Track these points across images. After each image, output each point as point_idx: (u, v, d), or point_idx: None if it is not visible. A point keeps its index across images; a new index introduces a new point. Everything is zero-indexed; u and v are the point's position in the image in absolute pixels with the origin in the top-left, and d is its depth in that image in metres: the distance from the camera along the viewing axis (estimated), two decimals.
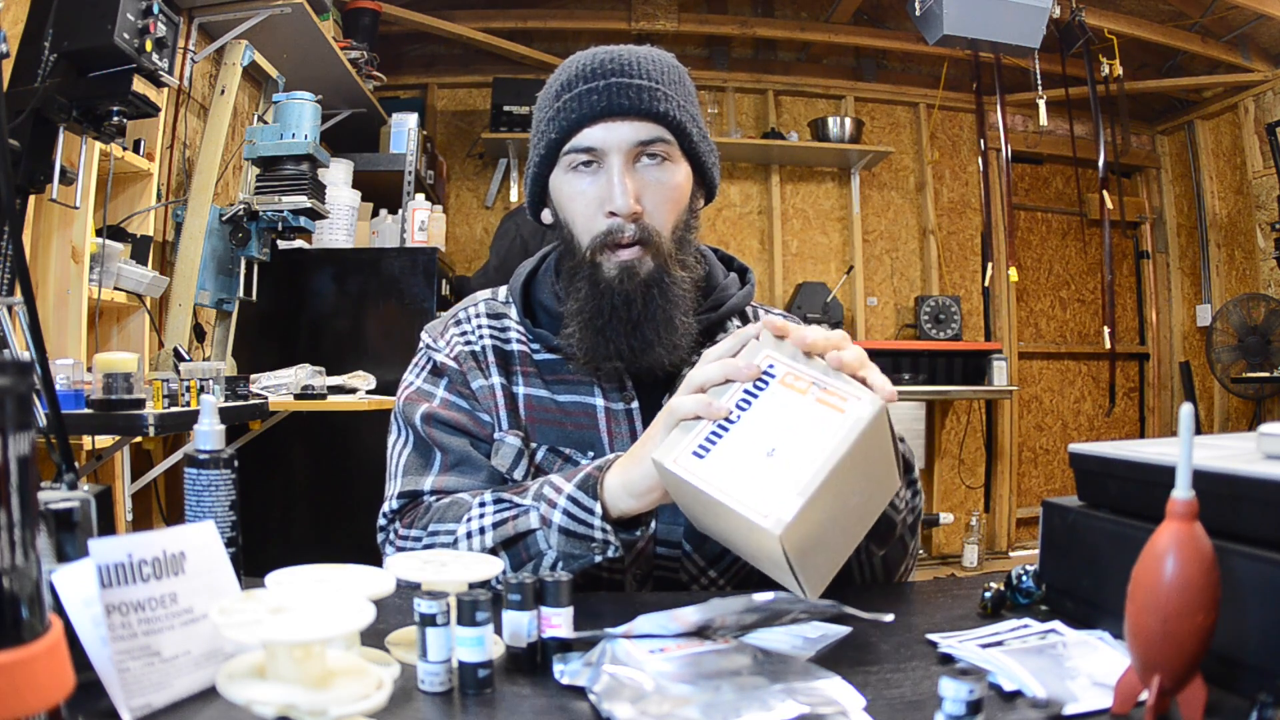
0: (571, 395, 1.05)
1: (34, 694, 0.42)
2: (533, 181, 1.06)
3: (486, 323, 1.10)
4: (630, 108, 0.97)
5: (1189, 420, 0.55)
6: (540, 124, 1.03)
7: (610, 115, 0.97)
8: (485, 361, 1.07)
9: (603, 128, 0.98)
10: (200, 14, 2.76)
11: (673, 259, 1.01)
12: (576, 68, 1.01)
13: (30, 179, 1.82)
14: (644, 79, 0.99)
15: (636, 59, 1.00)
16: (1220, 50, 4.47)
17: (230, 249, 2.83)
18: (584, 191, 1.00)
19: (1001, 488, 4.87)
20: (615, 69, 0.99)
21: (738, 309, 1.11)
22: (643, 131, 0.98)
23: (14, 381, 0.42)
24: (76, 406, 1.78)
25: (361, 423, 2.98)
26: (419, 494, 1.02)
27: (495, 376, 1.06)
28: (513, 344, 1.08)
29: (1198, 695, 0.56)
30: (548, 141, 1.01)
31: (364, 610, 0.56)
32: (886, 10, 4.58)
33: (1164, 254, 5.22)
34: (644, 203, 0.98)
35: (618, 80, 0.98)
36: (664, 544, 1.03)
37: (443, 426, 1.04)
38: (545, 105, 1.03)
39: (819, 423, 0.74)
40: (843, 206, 4.86)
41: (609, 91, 0.98)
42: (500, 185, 4.59)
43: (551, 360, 1.07)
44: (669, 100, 1.00)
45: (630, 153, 0.98)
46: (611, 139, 0.98)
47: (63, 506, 0.62)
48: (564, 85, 1.01)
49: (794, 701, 0.59)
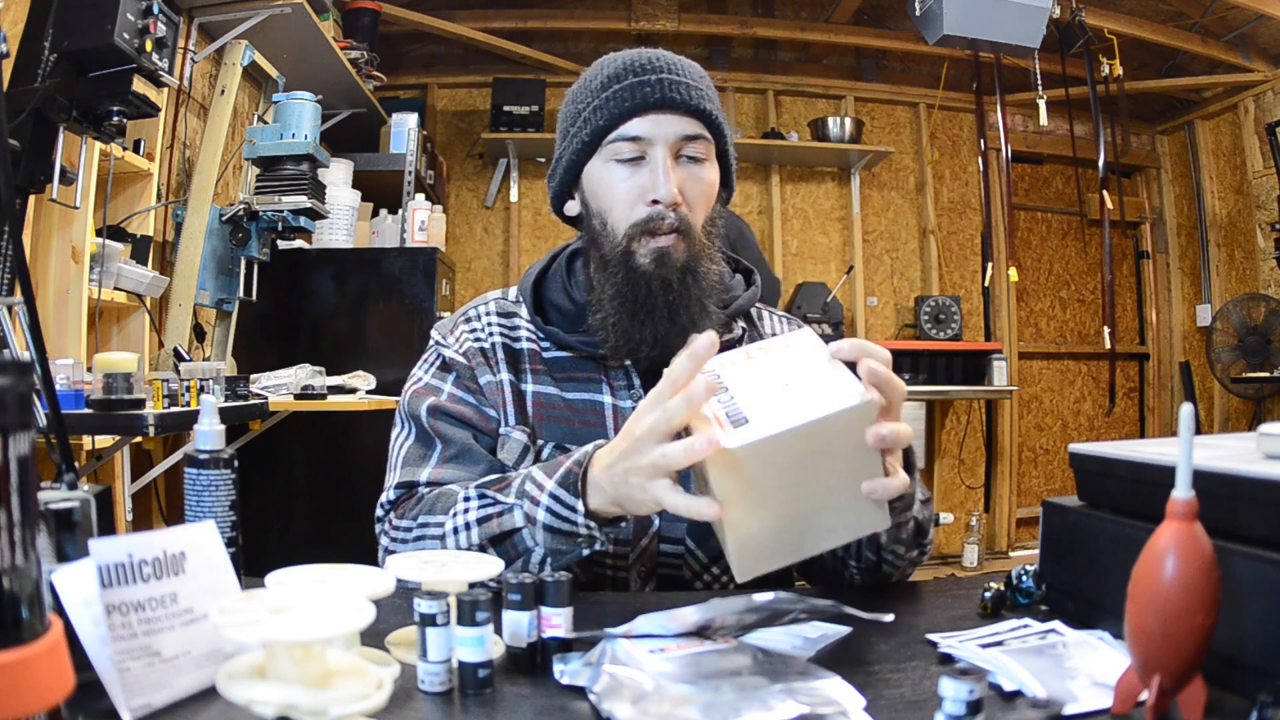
0: (580, 393, 1.07)
1: (34, 694, 0.42)
2: (566, 170, 1.07)
3: (496, 321, 1.11)
4: (680, 102, 1.01)
5: (1189, 420, 0.55)
6: (581, 113, 1.05)
7: (661, 108, 1.00)
8: (494, 358, 1.08)
9: (651, 119, 1.01)
10: (200, 14, 2.76)
11: (706, 253, 1.03)
12: (623, 63, 1.04)
13: (30, 179, 1.82)
14: (690, 79, 1.03)
15: (679, 61, 1.05)
16: (1220, 50, 4.47)
17: (230, 249, 2.83)
18: (625, 180, 1.02)
19: (1001, 488, 4.87)
20: (664, 66, 1.03)
21: (743, 310, 1.13)
22: (689, 126, 1.02)
23: (14, 381, 0.42)
24: (76, 406, 1.78)
25: (361, 423, 2.98)
26: (415, 485, 1.03)
27: (504, 373, 1.07)
28: (522, 342, 1.10)
29: (1198, 695, 0.56)
30: (594, 128, 1.02)
31: (364, 610, 0.56)
32: (886, 10, 4.58)
33: (1164, 254, 5.22)
34: (684, 195, 1.01)
35: (669, 77, 1.02)
36: (667, 541, 1.04)
37: (447, 418, 1.06)
38: (586, 97, 1.05)
39: (807, 385, 0.73)
40: (843, 206, 4.86)
41: (661, 85, 1.01)
42: (500, 185, 4.59)
43: (561, 358, 1.09)
44: (711, 101, 1.04)
45: (674, 146, 1.01)
46: (659, 131, 1.01)
47: (63, 506, 0.62)
48: (611, 77, 1.03)
49: (794, 701, 0.59)
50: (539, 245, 4.55)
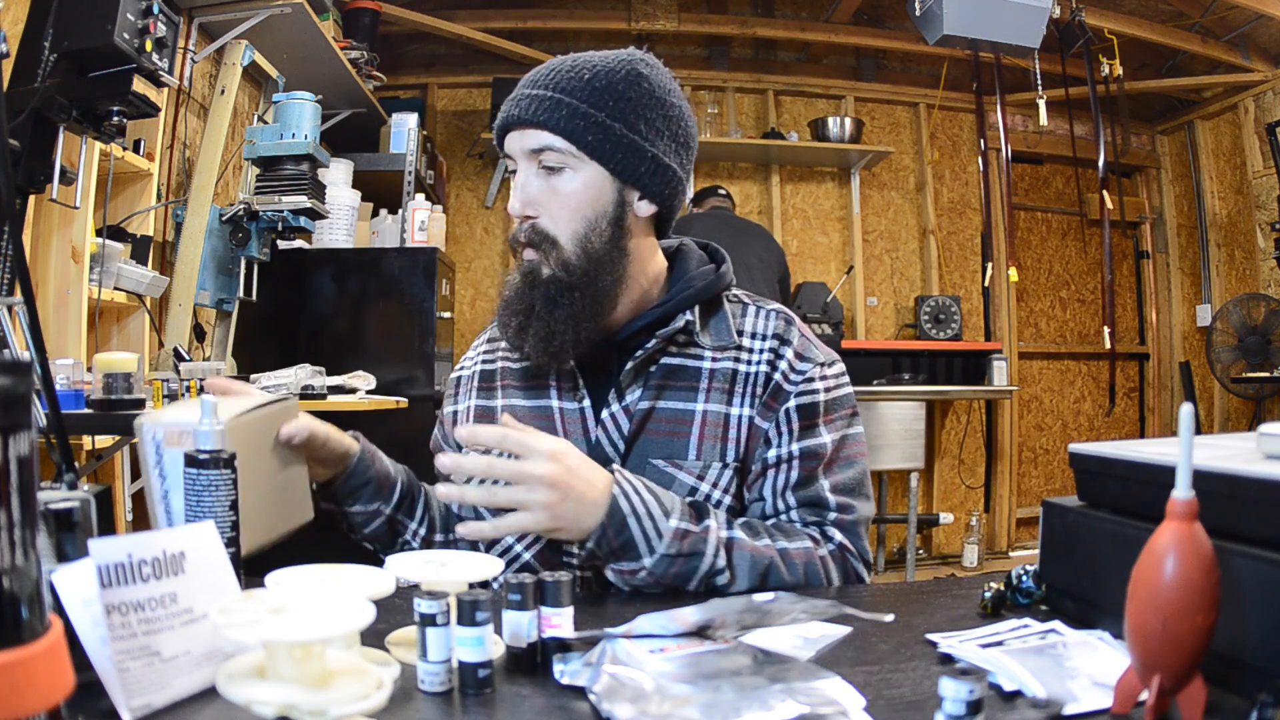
0: (536, 399, 1.11)
1: (34, 694, 0.42)
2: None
3: (483, 347, 1.21)
4: (526, 118, 1.03)
5: (1189, 420, 0.55)
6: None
7: (515, 125, 1.05)
8: (468, 386, 1.18)
9: (514, 135, 1.06)
10: (200, 14, 2.76)
11: (575, 263, 1.03)
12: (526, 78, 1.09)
13: (30, 179, 1.82)
14: (548, 89, 1.03)
15: (567, 69, 1.05)
16: (1220, 50, 4.47)
17: (230, 249, 2.83)
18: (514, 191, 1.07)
19: (1001, 488, 4.87)
20: (540, 80, 1.05)
21: (694, 301, 1.08)
22: (530, 140, 1.04)
23: (14, 381, 0.42)
24: (76, 406, 1.78)
25: (362, 423, 2.96)
26: None
27: (470, 399, 1.17)
28: (497, 362, 1.17)
29: (1198, 695, 0.56)
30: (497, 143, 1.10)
31: (364, 610, 0.56)
32: (886, 10, 4.58)
33: (1164, 254, 5.22)
34: (541, 208, 1.04)
35: (531, 92, 1.04)
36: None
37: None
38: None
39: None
40: (843, 206, 4.86)
41: (517, 102, 1.05)
42: (500, 185, 4.58)
43: (525, 368, 1.12)
44: (563, 108, 1.02)
45: (530, 159, 1.04)
46: (515, 146, 1.06)
47: (63, 506, 0.62)
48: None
49: (794, 701, 0.59)
50: None
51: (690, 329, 1.06)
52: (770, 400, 1.06)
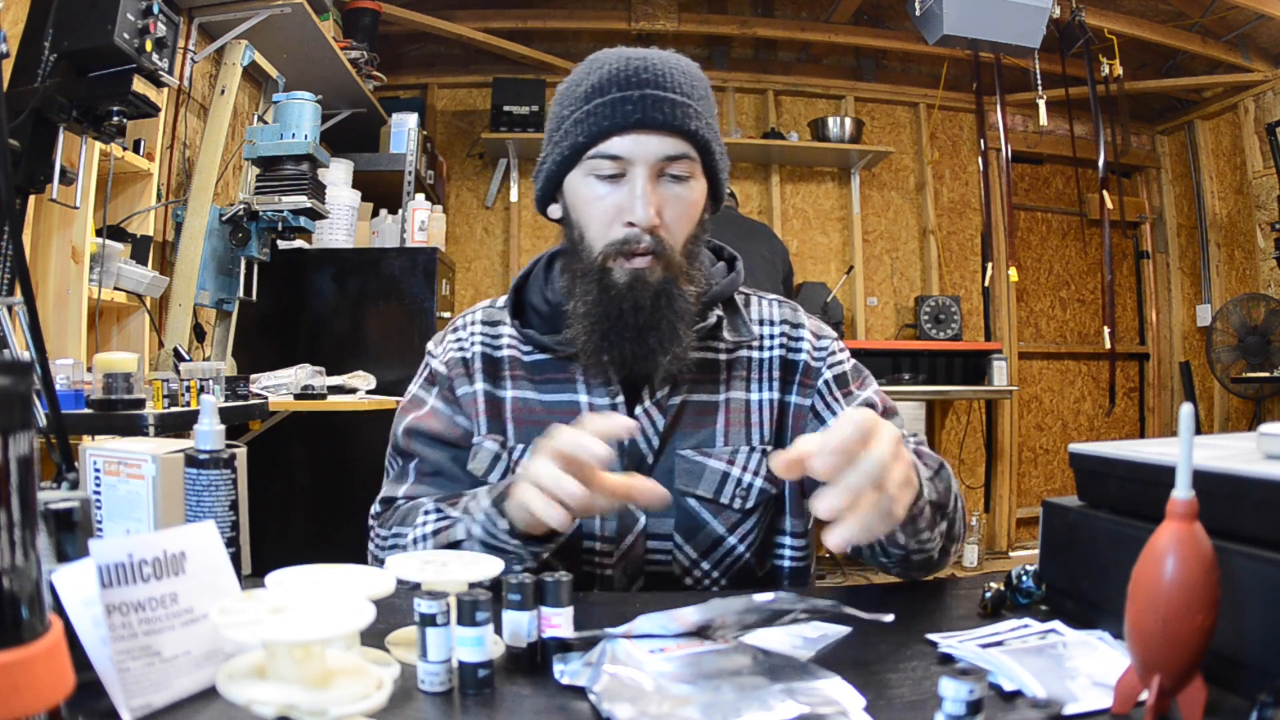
0: (558, 394, 1.07)
1: (34, 694, 0.42)
2: (547, 178, 1.05)
3: (480, 330, 1.13)
4: (663, 122, 0.97)
5: (1189, 420, 0.55)
6: (564, 122, 1.01)
7: (642, 127, 0.97)
8: (473, 368, 1.10)
9: (632, 139, 0.97)
10: (200, 14, 2.76)
11: (683, 273, 1.01)
12: (609, 71, 0.99)
13: (30, 179, 1.82)
14: (677, 93, 0.98)
15: (669, 70, 0.99)
16: (1220, 50, 4.47)
17: (230, 249, 2.83)
18: (603, 197, 0.99)
19: (1001, 488, 4.87)
20: (650, 79, 0.98)
21: (720, 297, 1.10)
22: (670, 147, 0.98)
23: (14, 381, 0.42)
24: (76, 406, 1.78)
25: (361, 423, 2.97)
26: (394, 500, 1.09)
27: (479, 383, 1.09)
28: (503, 350, 1.11)
29: (1198, 695, 0.56)
30: (573, 142, 0.99)
31: (364, 610, 0.56)
32: (886, 10, 4.58)
33: (1164, 254, 5.22)
34: (663, 216, 0.99)
35: (653, 93, 0.97)
36: (655, 537, 1.04)
37: (422, 438, 1.10)
38: (571, 103, 1.01)
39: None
40: (843, 206, 4.86)
41: (644, 103, 0.97)
42: (500, 185, 4.59)
43: (541, 361, 1.09)
44: (699, 118, 0.99)
45: (655, 166, 0.98)
46: (640, 151, 0.97)
47: (63, 506, 0.62)
48: (595, 88, 0.99)
49: (794, 701, 0.59)
50: (539, 245, 4.55)
51: (720, 325, 1.08)
52: (804, 379, 1.10)
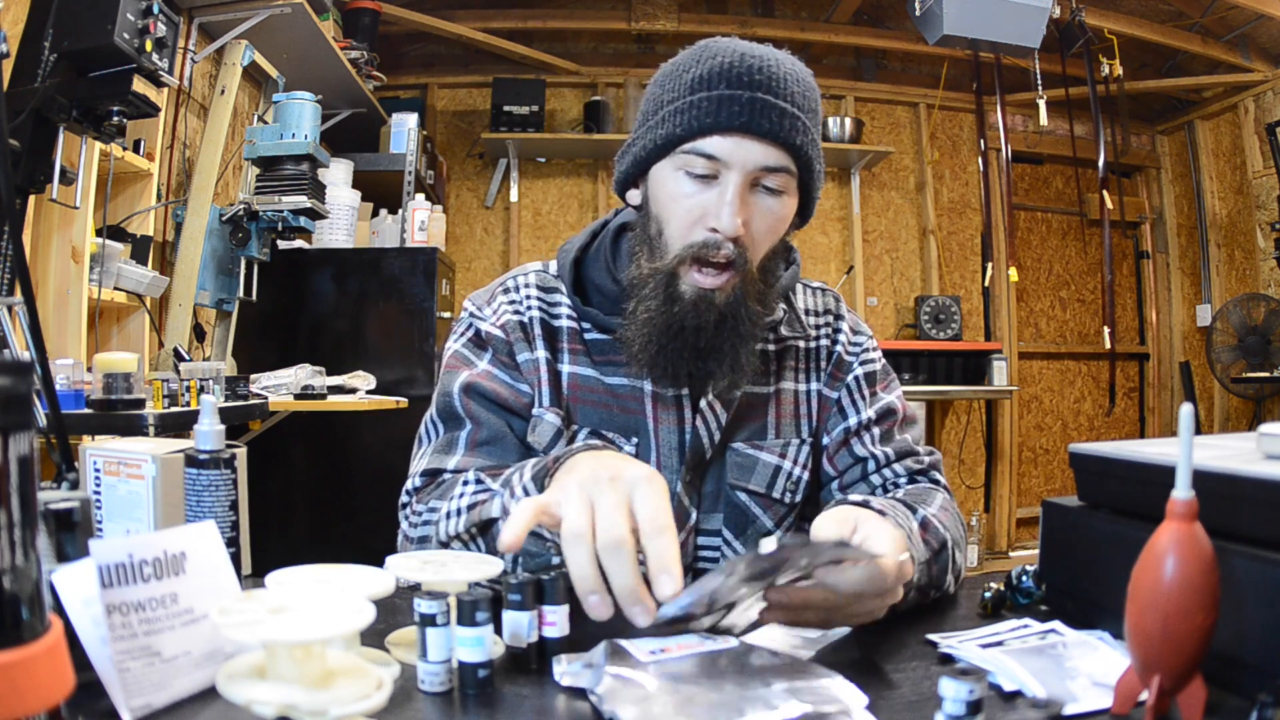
0: (620, 378, 1.02)
1: (34, 694, 0.42)
2: (634, 162, 0.99)
3: (536, 294, 1.06)
4: (769, 131, 0.91)
5: (1189, 420, 0.55)
6: (663, 108, 0.95)
7: (746, 132, 0.90)
8: (533, 334, 1.03)
9: (734, 142, 0.91)
10: (200, 14, 2.76)
11: (754, 291, 0.96)
12: (720, 64, 0.92)
13: (30, 179, 1.82)
14: (788, 102, 0.92)
15: (785, 75, 0.93)
16: (1220, 50, 4.47)
17: (230, 249, 2.83)
18: (690, 196, 0.93)
19: (1001, 488, 4.87)
20: (762, 82, 0.91)
21: (783, 292, 1.07)
22: (771, 158, 0.92)
23: (14, 381, 0.42)
24: (76, 406, 1.78)
25: (361, 423, 2.98)
26: (441, 471, 0.98)
27: (541, 350, 1.02)
28: (562, 319, 1.05)
29: (1198, 695, 0.56)
30: (669, 132, 0.93)
31: (364, 610, 0.56)
32: (886, 10, 4.58)
33: (1164, 254, 5.22)
34: (749, 227, 0.93)
35: (763, 97, 0.91)
36: (704, 533, 1.03)
37: (481, 399, 1.00)
38: (674, 89, 0.95)
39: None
40: (843, 206, 4.86)
41: (752, 106, 0.90)
42: (500, 185, 4.58)
43: (601, 340, 1.03)
44: (806, 133, 0.94)
45: (751, 175, 0.92)
46: (738, 156, 0.91)
47: (63, 506, 0.62)
48: (702, 79, 0.93)
49: (797, 701, 0.58)
50: (539, 245, 4.55)
51: (784, 319, 1.08)
52: (836, 371, 1.10)
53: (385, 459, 2.84)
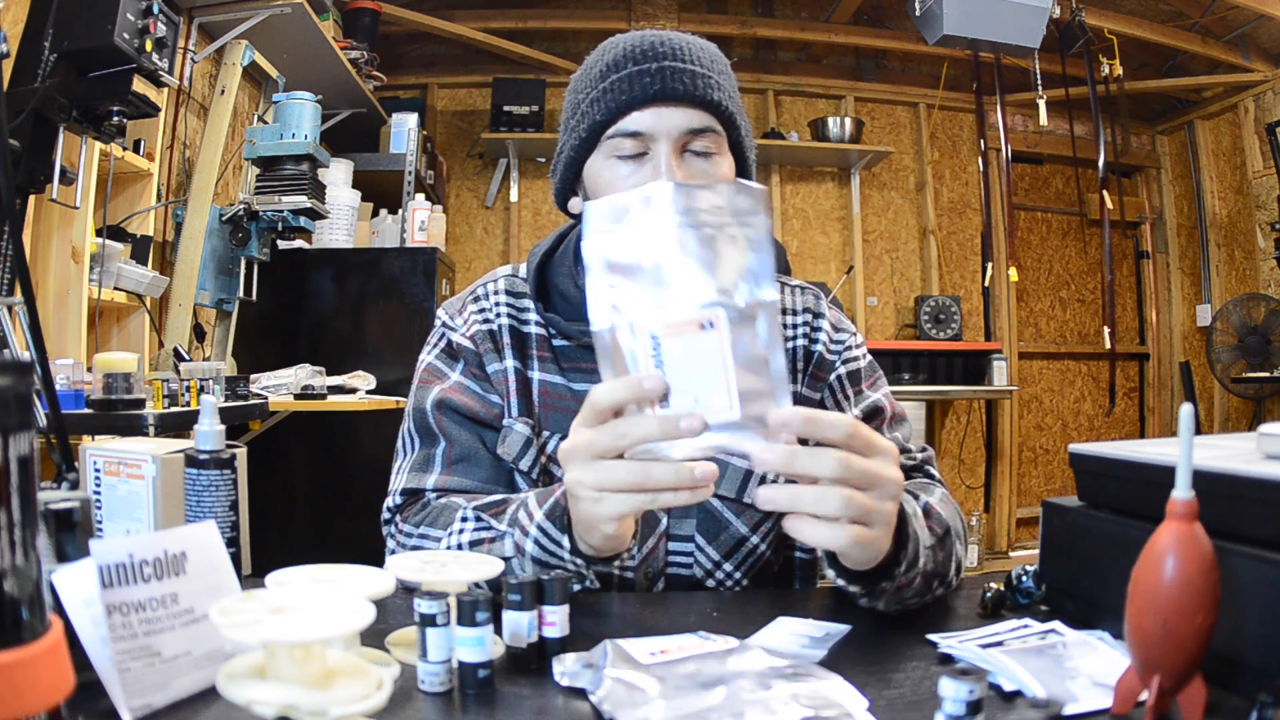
0: (588, 384, 1.01)
1: (34, 694, 0.42)
2: (566, 166, 1.00)
3: (505, 300, 1.06)
4: (684, 93, 0.91)
5: (1189, 420, 0.55)
6: (580, 105, 0.97)
7: (662, 100, 0.91)
8: (501, 343, 1.03)
9: (653, 113, 0.92)
10: (200, 14, 2.76)
11: None
12: (624, 48, 0.95)
13: (30, 179, 1.82)
14: (697, 65, 0.94)
15: (687, 44, 0.95)
16: (1220, 50, 4.47)
17: (230, 249, 2.83)
18: (626, 178, 0.94)
19: (1001, 488, 4.87)
20: (667, 52, 0.93)
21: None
22: (695, 119, 0.93)
23: (14, 381, 0.42)
24: (76, 406, 1.78)
25: (361, 423, 2.97)
26: (421, 491, 1.00)
27: (510, 360, 1.02)
28: (531, 326, 1.05)
29: (1198, 695, 0.56)
30: (590, 123, 0.94)
31: (364, 610, 0.56)
32: (886, 10, 4.58)
33: (1164, 254, 5.22)
34: None
35: (671, 64, 0.92)
36: (675, 539, 1.01)
37: (453, 415, 1.01)
38: (585, 86, 0.97)
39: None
40: (843, 206, 4.86)
41: (662, 75, 0.92)
42: (500, 185, 4.59)
43: (568, 347, 1.03)
44: (721, 89, 0.94)
45: (679, 141, 0.93)
46: (661, 125, 0.92)
47: (63, 506, 0.62)
48: (610, 65, 0.95)
49: (798, 704, 0.58)
50: None
51: None
52: (817, 371, 1.07)
53: (385, 459, 2.82)
